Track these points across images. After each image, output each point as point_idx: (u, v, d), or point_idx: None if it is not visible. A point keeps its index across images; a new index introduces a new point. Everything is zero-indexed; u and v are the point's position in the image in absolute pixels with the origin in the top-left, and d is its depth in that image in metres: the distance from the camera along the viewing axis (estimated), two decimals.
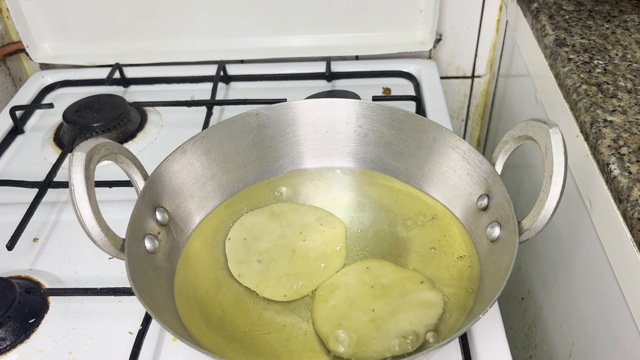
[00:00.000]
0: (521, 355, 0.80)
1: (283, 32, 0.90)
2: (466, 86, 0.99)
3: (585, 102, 0.59)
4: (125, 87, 0.89)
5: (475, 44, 0.93)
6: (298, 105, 0.62)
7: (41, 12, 0.88)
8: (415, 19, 0.88)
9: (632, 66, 0.63)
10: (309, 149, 0.63)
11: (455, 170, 0.57)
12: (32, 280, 0.59)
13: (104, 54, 0.91)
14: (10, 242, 0.60)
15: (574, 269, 0.63)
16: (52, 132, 0.80)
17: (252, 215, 0.59)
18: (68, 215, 0.67)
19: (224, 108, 0.83)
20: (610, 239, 0.52)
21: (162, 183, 0.55)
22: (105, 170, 0.70)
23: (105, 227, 0.46)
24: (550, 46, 0.69)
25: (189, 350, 0.52)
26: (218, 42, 0.90)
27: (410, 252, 0.55)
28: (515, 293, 0.83)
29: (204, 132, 0.58)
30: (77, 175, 0.45)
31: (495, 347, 0.51)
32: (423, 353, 0.41)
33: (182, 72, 0.89)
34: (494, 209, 0.52)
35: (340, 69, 0.89)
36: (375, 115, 0.61)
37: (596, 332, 0.58)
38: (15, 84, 0.95)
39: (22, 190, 0.69)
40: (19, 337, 0.53)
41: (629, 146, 0.53)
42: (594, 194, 0.55)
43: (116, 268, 0.60)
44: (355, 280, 0.53)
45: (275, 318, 0.50)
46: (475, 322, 0.42)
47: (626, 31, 0.69)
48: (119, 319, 0.55)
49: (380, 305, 0.50)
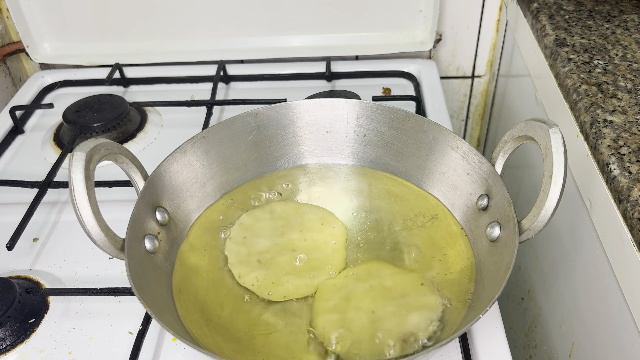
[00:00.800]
0: (521, 355, 0.80)
1: (283, 32, 0.90)
2: (466, 86, 0.99)
3: (585, 102, 0.59)
4: (125, 87, 0.89)
5: (475, 44, 0.93)
6: (298, 105, 0.62)
7: (41, 12, 0.88)
8: (415, 19, 0.88)
9: (632, 66, 0.63)
10: (308, 149, 0.63)
11: (455, 170, 0.57)
12: (32, 280, 0.59)
13: (104, 54, 0.91)
14: (10, 242, 0.60)
15: (574, 269, 0.63)
16: (52, 132, 0.80)
17: (252, 214, 0.59)
18: (68, 215, 0.67)
19: (224, 108, 0.83)
20: (610, 239, 0.52)
21: (162, 183, 0.55)
22: (105, 170, 0.70)
23: (105, 227, 0.46)
24: (550, 46, 0.69)
25: (189, 350, 0.52)
26: (218, 42, 0.90)
27: (411, 253, 0.55)
28: (515, 293, 0.83)
29: (204, 132, 0.58)
30: (77, 175, 0.45)
31: (495, 347, 0.51)
32: (423, 353, 0.42)
33: (182, 72, 0.89)
34: (494, 209, 0.52)
35: (340, 69, 0.89)
36: (375, 115, 0.61)
37: (596, 332, 0.58)
38: (15, 84, 0.95)
39: (22, 190, 0.69)
40: (19, 337, 0.53)
41: (629, 146, 0.53)
42: (594, 194, 0.55)
43: (116, 268, 0.60)
44: (355, 281, 0.53)
45: (275, 318, 0.50)
46: (475, 322, 0.42)
47: (626, 31, 0.69)
48: (119, 319, 0.55)
49: (380, 307, 0.50)
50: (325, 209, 0.60)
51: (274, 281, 0.53)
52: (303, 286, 0.53)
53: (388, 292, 0.51)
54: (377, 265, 0.54)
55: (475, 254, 0.54)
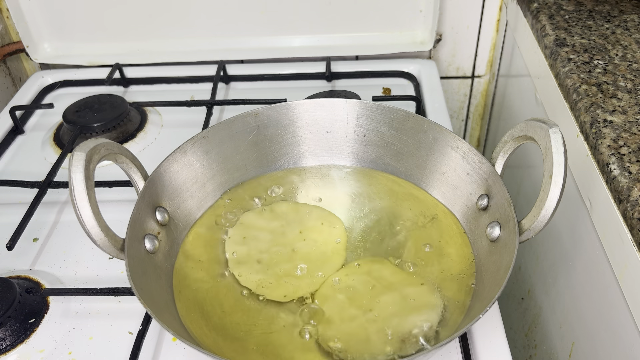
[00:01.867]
0: (521, 355, 0.80)
1: (283, 32, 0.90)
2: (466, 86, 0.99)
3: (585, 102, 0.59)
4: (125, 87, 0.89)
5: (475, 44, 0.94)
6: (298, 105, 0.62)
7: (41, 12, 0.88)
8: (415, 19, 0.88)
9: (632, 66, 0.63)
10: (308, 149, 0.63)
11: (455, 170, 0.57)
12: (32, 280, 0.59)
13: (104, 54, 0.91)
14: (10, 242, 0.60)
15: (574, 269, 0.63)
16: (52, 132, 0.80)
17: (252, 214, 0.59)
18: (68, 215, 0.67)
19: (224, 108, 0.83)
20: (610, 239, 0.52)
21: (162, 183, 0.55)
22: (105, 170, 0.70)
23: (105, 227, 0.46)
24: (550, 46, 0.69)
25: (189, 350, 0.52)
26: (218, 42, 0.90)
27: (411, 253, 0.55)
28: (515, 293, 0.83)
29: (204, 132, 0.58)
30: (77, 175, 0.45)
31: (495, 347, 0.51)
32: (423, 353, 0.42)
33: (182, 72, 0.89)
34: (494, 209, 0.52)
35: (340, 69, 0.89)
36: (375, 115, 0.61)
37: (596, 332, 0.58)
38: (15, 84, 0.95)
39: (22, 190, 0.69)
40: (19, 337, 0.53)
41: (629, 146, 0.53)
42: (594, 194, 0.55)
43: (116, 268, 0.60)
44: (355, 281, 0.53)
45: (275, 318, 0.50)
46: (475, 322, 0.42)
47: (626, 31, 0.69)
48: (119, 319, 0.55)
49: (380, 306, 0.50)
50: (325, 209, 0.60)
51: (274, 281, 0.53)
52: (303, 286, 0.53)
53: (388, 291, 0.51)
54: (377, 265, 0.54)
55: (475, 254, 0.54)
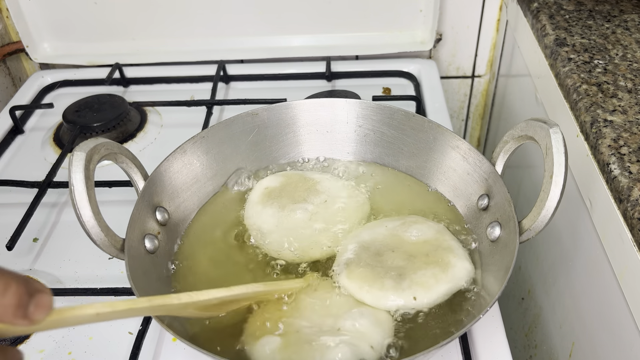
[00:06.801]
0: (521, 355, 0.80)
1: (283, 31, 0.90)
2: (466, 86, 0.99)
3: (586, 102, 0.59)
4: (125, 87, 0.89)
5: (476, 43, 0.93)
6: (298, 105, 0.62)
7: (41, 12, 0.88)
8: (416, 19, 0.88)
9: (632, 66, 0.63)
10: (309, 149, 0.63)
11: (456, 170, 0.57)
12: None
13: (104, 54, 0.91)
14: (10, 242, 0.60)
15: (574, 269, 0.63)
16: (52, 132, 0.80)
17: (275, 178, 0.60)
18: (68, 215, 0.67)
19: (223, 108, 0.83)
20: (611, 239, 0.52)
21: (162, 183, 0.55)
22: (105, 170, 0.70)
23: (105, 227, 0.46)
24: (550, 46, 0.69)
25: (189, 350, 0.52)
26: (218, 42, 0.90)
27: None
28: (515, 293, 0.83)
29: (203, 132, 0.58)
30: (77, 175, 0.45)
31: (495, 347, 0.51)
32: (423, 353, 0.41)
33: (182, 72, 0.89)
34: (494, 209, 0.52)
35: (340, 69, 0.89)
36: (375, 115, 0.61)
37: (596, 332, 0.58)
38: (15, 84, 0.95)
39: (22, 190, 0.69)
40: (19, 337, 0.53)
41: (629, 146, 0.53)
42: (594, 194, 0.55)
43: (116, 268, 0.60)
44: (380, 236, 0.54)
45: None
46: (475, 322, 0.42)
47: (626, 31, 0.69)
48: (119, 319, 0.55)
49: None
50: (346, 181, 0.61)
51: (296, 245, 0.54)
52: (325, 250, 0.54)
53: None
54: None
55: (476, 254, 0.54)
